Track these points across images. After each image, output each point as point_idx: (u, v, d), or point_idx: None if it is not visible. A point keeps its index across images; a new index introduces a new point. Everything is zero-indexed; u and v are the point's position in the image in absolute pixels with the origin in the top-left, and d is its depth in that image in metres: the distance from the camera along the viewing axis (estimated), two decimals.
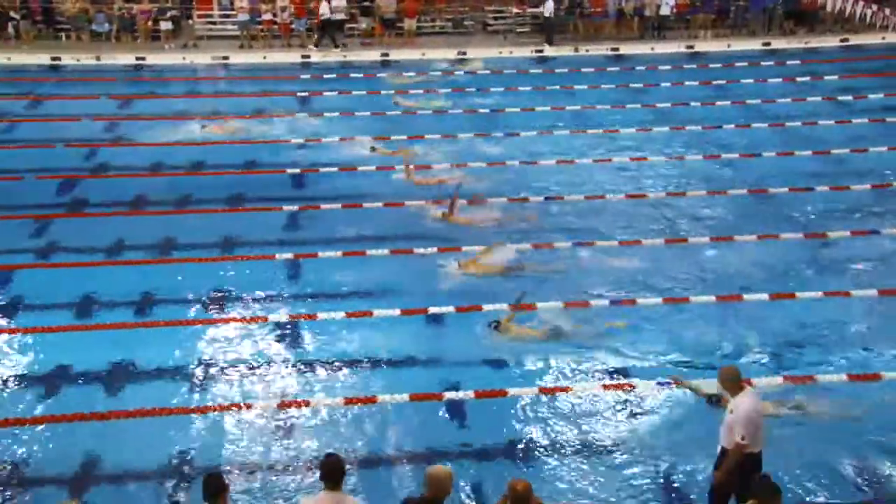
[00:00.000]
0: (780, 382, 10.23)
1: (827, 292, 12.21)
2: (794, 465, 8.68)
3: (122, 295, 12.21)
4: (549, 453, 9.09)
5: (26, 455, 8.98)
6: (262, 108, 20.94)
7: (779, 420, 9.23)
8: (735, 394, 7.61)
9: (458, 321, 11.66)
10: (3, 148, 17.96)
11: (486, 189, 16.00)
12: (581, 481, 8.68)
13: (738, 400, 7.55)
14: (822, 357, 10.82)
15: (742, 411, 7.46)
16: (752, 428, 7.44)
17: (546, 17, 27.18)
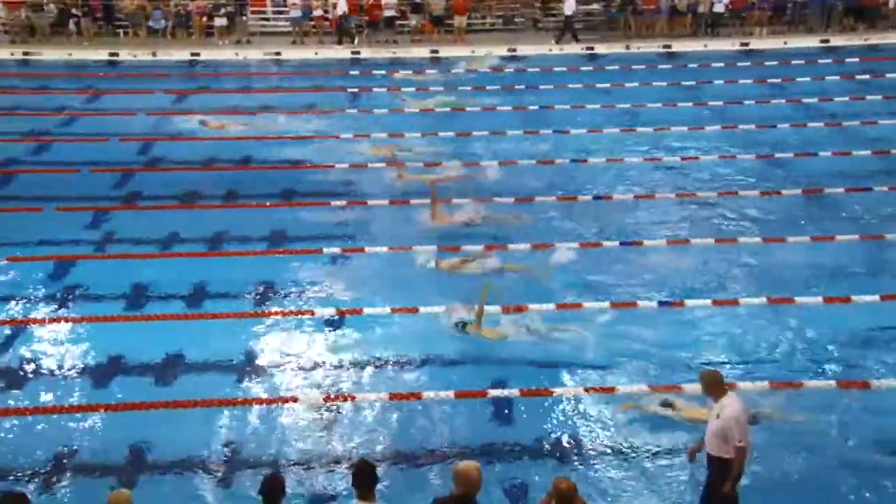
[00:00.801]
0: (833, 386, 10.02)
1: (884, 296, 11.90)
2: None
3: (173, 286, 12.41)
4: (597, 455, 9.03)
5: (79, 442, 9.18)
6: (312, 104, 21.13)
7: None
8: (718, 398, 7.51)
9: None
10: (63, 141, 18.37)
11: (535, 187, 15.95)
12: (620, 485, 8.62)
13: (722, 403, 7.44)
14: (878, 362, 10.55)
15: (729, 415, 7.36)
16: (743, 429, 7.37)
17: (567, 15, 26.95)
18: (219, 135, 18.84)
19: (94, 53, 25.96)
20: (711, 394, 7.59)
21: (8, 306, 11.86)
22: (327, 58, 25.94)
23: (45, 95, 22.26)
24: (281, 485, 6.63)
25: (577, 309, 11.79)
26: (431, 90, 22.48)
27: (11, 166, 16.97)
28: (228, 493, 8.49)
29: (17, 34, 26.95)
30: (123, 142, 18.29)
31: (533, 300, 11.90)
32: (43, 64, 25.42)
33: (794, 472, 8.63)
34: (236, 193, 15.85)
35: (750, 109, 20.37)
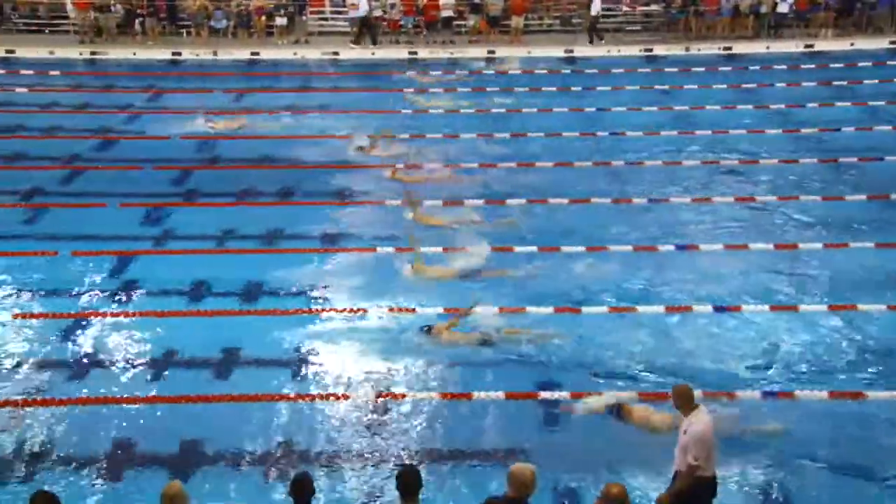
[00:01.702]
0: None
1: None
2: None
3: (230, 283, 12.60)
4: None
5: (134, 433, 9.37)
6: (367, 104, 21.26)
7: None
8: (688, 413, 7.39)
9: (564, 321, 11.56)
10: (127, 139, 18.79)
11: (590, 189, 15.83)
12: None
13: (690, 419, 7.33)
14: None
15: (694, 431, 7.23)
16: (704, 449, 7.21)
17: (592, 16, 26.64)
18: (273, 133, 19.05)
19: (158, 53, 26.53)
20: (681, 409, 7.48)
21: (71, 299, 12.17)
22: (384, 58, 26.09)
23: (111, 94, 22.81)
24: (309, 485, 6.66)
25: (630, 313, 11.67)
26: (488, 90, 22.48)
27: (78, 162, 17.41)
28: (273, 488, 8.58)
29: (85, 34, 27.70)
30: (184, 139, 18.62)
31: (585, 304, 11.84)
32: (109, 63, 26.06)
33: None
34: (291, 191, 16.02)
35: (813, 112, 19.92)
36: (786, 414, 9.52)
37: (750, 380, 10.24)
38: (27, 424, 9.46)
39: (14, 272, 12.87)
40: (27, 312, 11.76)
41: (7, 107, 21.07)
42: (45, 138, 18.71)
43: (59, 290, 12.37)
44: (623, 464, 8.66)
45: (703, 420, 7.30)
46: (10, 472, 8.71)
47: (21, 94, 22.40)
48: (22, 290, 12.38)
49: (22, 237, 14.06)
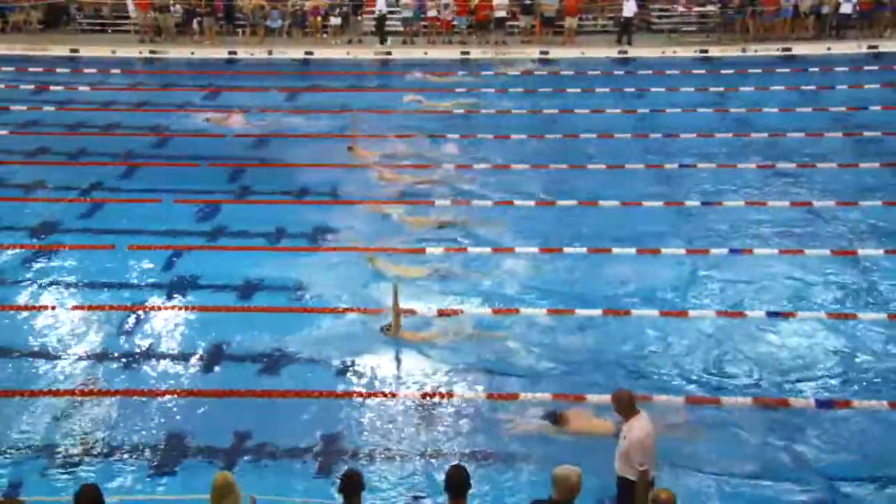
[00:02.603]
0: None
1: None
2: None
3: (279, 280, 12.74)
4: None
5: (184, 425, 9.53)
6: (418, 104, 21.32)
7: None
8: (628, 418, 7.39)
9: (612, 324, 11.46)
10: (184, 136, 19.11)
11: (642, 191, 15.66)
12: None
13: (631, 424, 7.33)
14: None
15: (633, 437, 7.24)
16: (647, 453, 7.23)
17: (626, 17, 26.24)
18: (323, 132, 19.19)
19: (215, 52, 27.00)
20: (622, 414, 7.49)
21: (126, 292, 12.42)
22: (436, 58, 26.14)
23: (169, 92, 23.26)
24: (359, 481, 6.69)
25: (683, 317, 11.52)
26: (540, 91, 22.40)
27: (137, 159, 17.78)
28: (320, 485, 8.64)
29: (145, 34, 28.30)
30: (238, 137, 18.87)
31: (635, 307, 11.73)
32: (167, 62, 26.58)
33: None
34: (340, 191, 16.12)
35: (875, 115, 19.42)
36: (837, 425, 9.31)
37: (804, 388, 10.02)
38: (83, 413, 9.68)
39: (74, 264, 13.20)
40: (85, 304, 12.03)
41: (70, 105, 21.62)
42: (104, 135, 19.13)
43: (116, 283, 12.63)
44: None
45: (642, 426, 7.33)
46: (63, 460, 8.92)
47: (83, 91, 22.98)
48: (81, 282, 12.69)
49: (81, 231, 14.40)
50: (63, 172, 17.03)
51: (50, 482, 8.55)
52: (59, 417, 9.61)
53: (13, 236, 14.00)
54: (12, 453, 9.02)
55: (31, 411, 9.71)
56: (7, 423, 9.47)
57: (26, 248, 13.62)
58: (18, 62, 25.83)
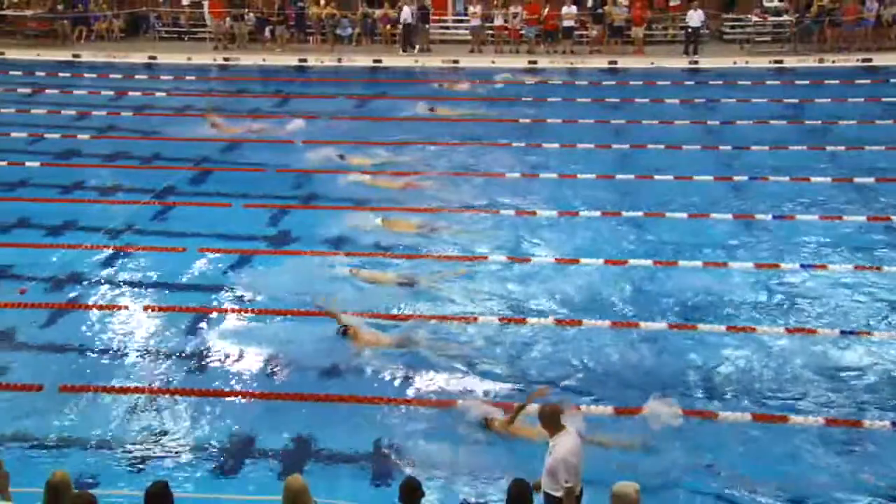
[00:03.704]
0: None
1: None
2: None
3: (341, 285, 12.82)
4: None
5: (248, 426, 9.65)
6: (483, 112, 21.33)
7: None
8: (553, 434, 7.32)
9: (677, 337, 11.27)
10: (253, 142, 19.47)
11: (709, 204, 15.37)
12: None
13: (556, 440, 7.26)
14: None
15: (558, 454, 7.17)
16: (570, 471, 7.15)
17: (692, 27, 25.67)
18: (392, 139, 19.33)
19: (286, 59, 27.50)
20: (547, 429, 7.40)
21: (194, 294, 12.68)
22: (504, 66, 26.14)
23: (241, 98, 23.77)
24: (418, 489, 6.69)
25: (751, 333, 11.25)
26: (607, 101, 22.21)
27: (208, 164, 18.19)
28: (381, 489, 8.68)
29: (220, 41, 29.03)
30: (306, 144, 19.15)
31: (701, 321, 11.51)
32: (240, 69, 27.20)
33: None
34: (405, 198, 16.15)
35: None
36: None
37: (878, 409, 9.69)
38: (152, 411, 9.91)
39: (146, 266, 13.54)
40: (156, 305, 12.32)
41: (147, 110, 22.26)
42: (178, 140, 19.61)
43: (186, 285, 12.91)
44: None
45: (566, 442, 7.26)
46: (134, 456, 9.13)
47: (160, 97, 23.64)
48: (152, 282, 13.01)
49: (154, 233, 14.78)
50: (138, 175, 17.52)
51: (121, 477, 8.75)
52: (130, 414, 9.84)
53: (90, 237, 14.44)
54: (87, 447, 9.25)
55: (105, 407, 9.96)
56: (82, 418, 9.74)
57: (101, 249, 14.02)
58: (100, 69, 26.76)
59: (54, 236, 14.57)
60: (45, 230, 14.78)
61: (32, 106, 22.64)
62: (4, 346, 11.27)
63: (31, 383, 10.31)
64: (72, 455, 9.07)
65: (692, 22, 25.99)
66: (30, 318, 11.87)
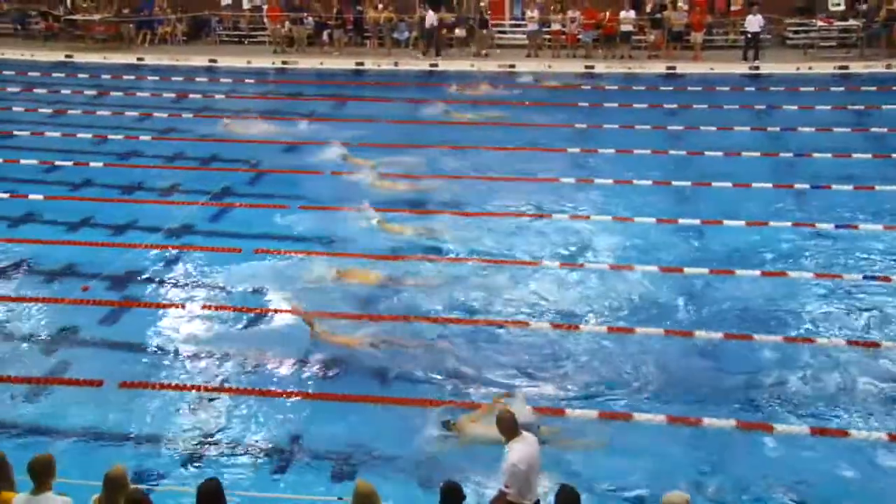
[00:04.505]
0: None
1: None
2: None
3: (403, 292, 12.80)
4: None
5: (300, 428, 9.73)
6: (534, 118, 21.23)
7: None
8: (508, 440, 7.42)
9: (728, 348, 11.06)
10: (311, 144, 19.64)
11: (768, 212, 15.06)
12: None
13: (510, 446, 7.36)
14: None
15: (508, 459, 7.26)
16: (514, 478, 7.20)
17: (752, 32, 25.06)
18: (443, 143, 19.39)
19: (343, 63, 27.78)
20: (503, 435, 7.49)
21: (249, 294, 12.84)
22: (560, 71, 26.02)
23: (298, 101, 24.06)
24: (459, 493, 6.65)
25: (809, 344, 10.99)
26: (664, 107, 21.96)
27: (265, 166, 18.43)
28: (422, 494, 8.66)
29: (278, 45, 29.45)
30: (361, 147, 19.28)
31: (757, 332, 11.27)
32: (298, 72, 27.56)
33: None
34: (462, 202, 16.19)
35: None
36: None
37: None
38: (207, 409, 10.05)
39: (203, 266, 13.76)
40: (212, 304, 12.52)
41: (206, 112, 22.68)
42: (235, 142, 19.93)
43: (241, 285, 13.08)
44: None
45: (518, 449, 7.30)
46: (188, 453, 9.29)
47: (219, 100, 24.08)
48: (209, 283, 13.21)
49: (211, 233, 15.03)
50: (197, 176, 17.84)
51: (175, 473, 8.89)
52: (185, 411, 10.01)
53: (150, 237, 14.76)
54: (143, 442, 9.43)
55: (162, 403, 10.15)
56: (139, 414, 9.94)
57: (160, 248, 14.30)
58: (163, 72, 27.37)
59: (116, 235, 14.92)
60: (107, 229, 15.15)
61: (98, 108, 23.25)
62: (67, 341, 11.56)
63: (92, 378, 10.56)
64: (128, 449, 9.25)
65: (751, 27, 25.53)
66: (92, 315, 12.17)
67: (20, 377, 10.59)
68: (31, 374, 10.67)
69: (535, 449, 7.48)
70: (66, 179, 17.65)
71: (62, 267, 13.67)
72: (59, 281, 13.25)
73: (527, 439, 7.47)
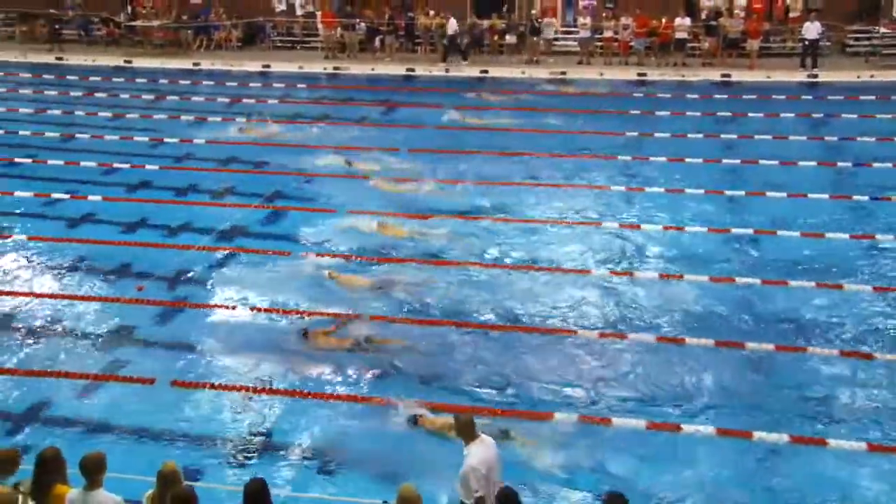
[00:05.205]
0: None
1: None
2: None
3: (443, 293, 12.86)
4: None
5: (348, 428, 9.79)
6: (587, 125, 21.10)
7: None
8: (467, 443, 7.46)
9: (784, 360, 10.84)
10: (357, 150, 19.77)
11: (824, 222, 14.75)
12: None
13: (469, 450, 7.40)
14: None
15: (468, 463, 7.29)
16: (477, 481, 7.20)
17: (809, 39, 24.44)
18: (498, 149, 19.36)
19: (394, 68, 27.95)
20: (461, 438, 7.53)
21: (299, 296, 12.89)
22: (612, 79, 25.83)
23: (349, 106, 24.26)
24: (515, 499, 6.61)
25: (867, 360, 10.72)
26: (718, 115, 21.66)
27: (315, 170, 18.58)
28: None
29: (330, 50, 29.77)
30: (412, 153, 19.36)
31: (811, 344, 11.03)
32: (349, 77, 27.81)
33: None
34: (511, 209, 16.15)
35: None
36: None
37: None
38: (255, 409, 10.16)
39: (252, 268, 13.93)
40: (262, 306, 12.65)
41: (259, 117, 22.97)
42: (287, 146, 20.13)
43: (291, 287, 13.17)
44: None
45: (478, 452, 7.35)
46: (237, 452, 9.40)
47: (272, 104, 24.40)
48: (260, 284, 13.31)
49: (262, 236, 15.21)
50: (249, 180, 18.07)
51: (222, 472, 9.00)
52: (235, 411, 10.13)
53: (203, 238, 15.00)
54: (192, 440, 9.57)
55: (212, 402, 10.29)
56: (190, 412, 10.10)
57: (213, 250, 14.52)
58: (218, 76, 27.86)
59: (170, 236, 15.20)
60: (162, 230, 15.45)
61: (154, 111, 23.73)
62: (122, 340, 11.78)
63: (145, 377, 10.77)
64: (178, 447, 9.40)
65: (809, 34, 25.05)
66: (146, 315, 12.41)
67: (76, 373, 10.84)
68: (87, 371, 10.91)
69: (494, 450, 7.52)
70: (123, 181, 18.06)
71: (118, 267, 13.97)
72: (115, 280, 13.54)
73: (485, 441, 7.53)
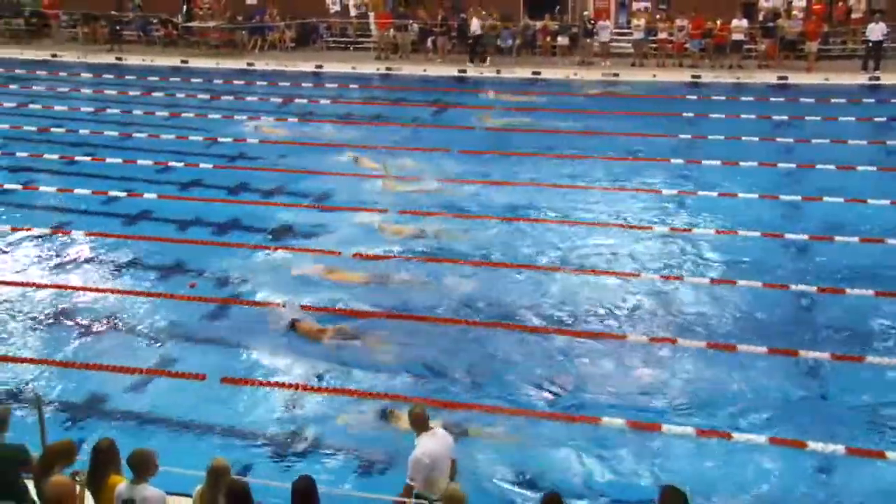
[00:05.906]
0: None
1: None
2: None
3: (485, 296, 12.81)
4: None
5: (395, 428, 9.74)
6: (637, 128, 20.86)
7: None
8: (419, 435, 7.58)
9: (840, 370, 10.59)
10: (409, 150, 19.85)
11: (884, 228, 14.36)
12: None
13: (419, 440, 7.54)
14: None
15: (413, 454, 7.43)
16: (418, 471, 7.38)
17: (873, 41, 23.65)
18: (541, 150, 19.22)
19: (445, 70, 27.98)
20: (413, 429, 7.66)
21: (347, 296, 12.94)
22: (665, 80, 25.51)
23: (400, 107, 24.36)
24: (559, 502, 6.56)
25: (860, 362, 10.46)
26: (774, 118, 21.25)
27: (365, 170, 18.67)
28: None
29: (383, 51, 29.93)
30: (461, 154, 19.34)
31: (871, 353, 10.73)
32: (401, 78, 27.91)
33: None
34: (561, 211, 16.01)
35: None
36: None
37: None
38: (304, 407, 10.25)
39: (303, 267, 13.98)
40: (312, 305, 12.64)
41: (311, 117, 23.20)
42: (338, 146, 20.27)
43: (340, 287, 13.23)
44: None
45: (424, 444, 7.47)
46: (282, 450, 9.49)
47: (324, 104, 24.61)
48: (309, 283, 13.37)
49: (311, 235, 15.28)
50: (299, 179, 18.24)
51: (270, 468, 9.07)
52: (284, 408, 10.23)
53: (254, 237, 15.19)
54: (242, 436, 9.70)
55: (262, 400, 10.41)
56: (239, 409, 10.24)
57: (261, 249, 14.68)
58: (271, 77, 28.19)
59: (221, 234, 15.42)
60: (213, 228, 15.68)
61: (209, 111, 24.11)
62: (174, 336, 11.98)
63: (196, 373, 10.93)
64: (227, 442, 9.54)
65: (873, 36, 24.42)
66: (197, 311, 12.60)
67: (129, 367, 11.06)
68: (140, 366, 11.12)
69: (444, 444, 7.59)
70: (177, 179, 18.37)
71: (171, 263, 14.21)
72: (169, 277, 13.78)
73: (436, 434, 7.62)
